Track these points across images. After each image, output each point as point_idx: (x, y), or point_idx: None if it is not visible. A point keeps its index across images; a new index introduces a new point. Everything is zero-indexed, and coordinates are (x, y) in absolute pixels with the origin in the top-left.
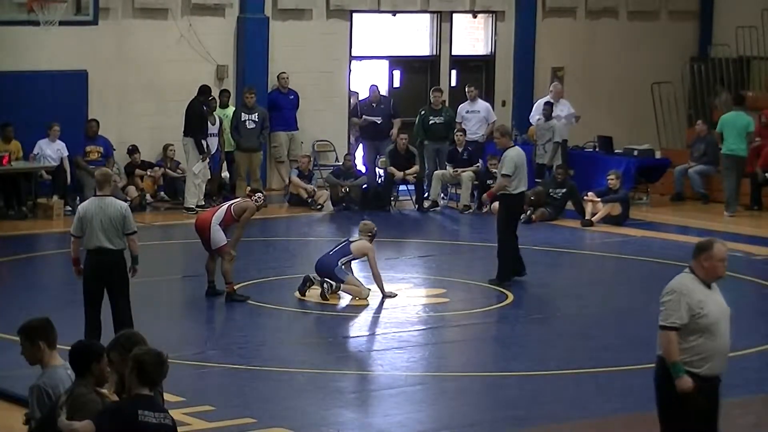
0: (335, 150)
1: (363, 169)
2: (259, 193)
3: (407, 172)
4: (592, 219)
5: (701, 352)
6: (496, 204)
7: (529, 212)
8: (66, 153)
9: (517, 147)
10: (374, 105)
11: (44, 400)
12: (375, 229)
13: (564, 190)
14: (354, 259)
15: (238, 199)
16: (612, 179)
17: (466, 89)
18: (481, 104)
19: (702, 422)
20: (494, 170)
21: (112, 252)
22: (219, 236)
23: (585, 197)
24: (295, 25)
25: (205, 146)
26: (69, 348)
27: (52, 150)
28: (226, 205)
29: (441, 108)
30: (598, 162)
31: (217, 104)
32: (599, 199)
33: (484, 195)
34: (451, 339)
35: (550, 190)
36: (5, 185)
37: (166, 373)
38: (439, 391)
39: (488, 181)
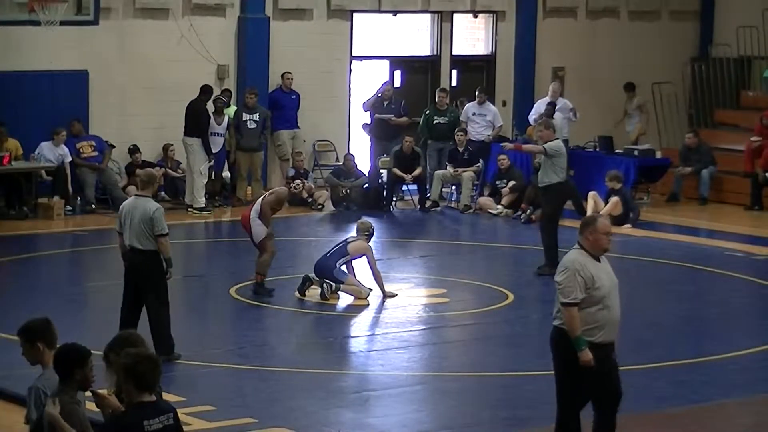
0: (335, 150)
1: (368, 167)
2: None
3: (413, 174)
4: None
5: (596, 321)
6: (484, 199)
7: (528, 212)
8: (69, 159)
9: (559, 140)
10: (385, 103)
11: (42, 402)
12: (372, 227)
13: None
14: (352, 259)
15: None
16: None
17: (477, 93)
18: (490, 108)
19: (596, 384)
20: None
21: (140, 252)
22: (259, 230)
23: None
24: (296, 25)
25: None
26: None
27: (53, 154)
28: (261, 198)
29: (446, 108)
30: (599, 162)
31: (224, 103)
32: (601, 200)
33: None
34: (451, 339)
35: None
36: (6, 185)
37: (161, 375)
38: (439, 391)
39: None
